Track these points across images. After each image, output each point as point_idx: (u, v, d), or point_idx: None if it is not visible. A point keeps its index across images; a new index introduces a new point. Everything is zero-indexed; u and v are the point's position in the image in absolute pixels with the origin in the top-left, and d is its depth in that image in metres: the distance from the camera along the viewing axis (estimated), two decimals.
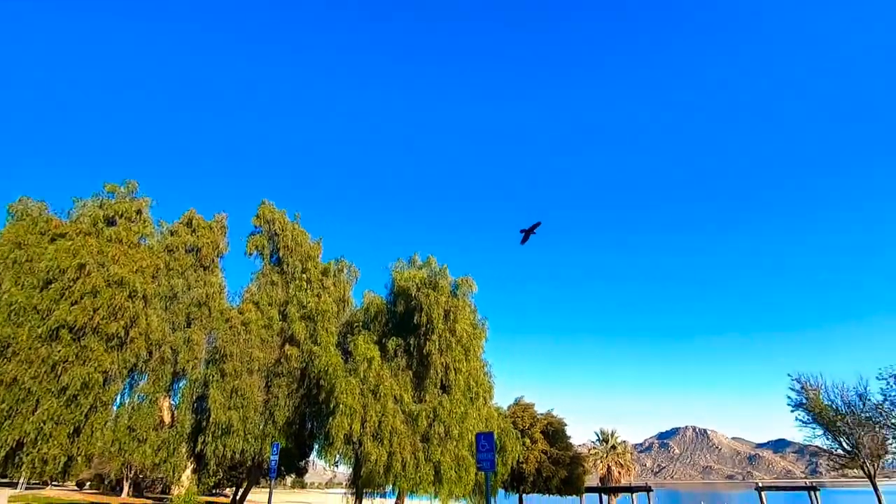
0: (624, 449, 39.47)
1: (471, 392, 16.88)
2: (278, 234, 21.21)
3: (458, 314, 16.94)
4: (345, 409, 14.29)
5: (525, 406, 26.52)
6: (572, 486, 25.17)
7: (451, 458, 15.10)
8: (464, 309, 17.38)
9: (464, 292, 17.91)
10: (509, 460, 20.17)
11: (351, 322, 19.54)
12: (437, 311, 16.61)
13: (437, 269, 18.14)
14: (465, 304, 17.67)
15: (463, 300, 17.67)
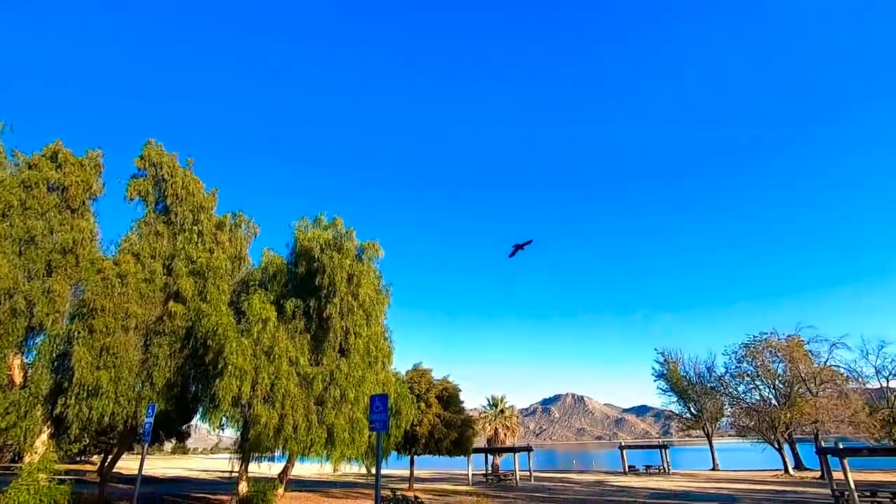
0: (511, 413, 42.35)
1: (370, 356, 16.85)
2: (166, 179, 19.09)
3: (362, 279, 16.68)
4: (234, 371, 13.54)
5: (422, 372, 27.20)
6: (461, 448, 26.55)
7: (345, 421, 15.07)
8: (368, 274, 17.15)
9: (369, 257, 17.63)
10: (403, 423, 20.64)
11: (247, 281, 18.40)
12: (341, 275, 16.20)
13: (343, 231, 17.62)
14: (369, 268, 17.43)
15: (368, 265, 17.41)
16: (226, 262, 18.27)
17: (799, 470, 38.10)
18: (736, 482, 31.09)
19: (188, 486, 30.81)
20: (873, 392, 39.36)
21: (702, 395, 45.47)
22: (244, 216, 20.65)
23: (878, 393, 38.97)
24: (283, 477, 20.37)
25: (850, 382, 36.45)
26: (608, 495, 24.77)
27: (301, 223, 18.31)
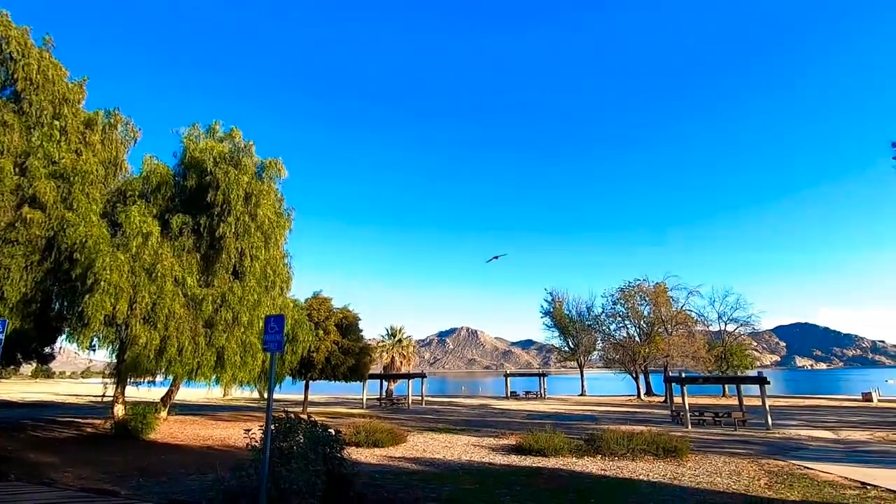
0: (408, 343, 43.96)
1: (267, 281, 16.14)
2: (16, 59, 15.70)
3: (262, 199, 15.58)
4: (107, 288, 12.20)
5: (322, 300, 26.89)
6: (358, 374, 27.23)
7: (237, 345, 14.53)
8: (269, 194, 16.04)
9: (270, 176, 16.43)
10: (300, 349, 20.46)
11: (124, 191, 16.29)
12: (237, 192, 14.95)
13: (242, 145, 16.10)
14: (270, 188, 16.29)
15: (269, 184, 16.25)
16: (97, 167, 15.90)
17: (649, 395, 44.85)
18: (598, 405, 35.84)
19: (54, 410, 28.37)
20: (713, 333, 46.84)
21: (580, 331, 50.88)
22: (121, 116, 17.87)
23: (717, 334, 46.46)
24: (166, 400, 19.49)
25: (697, 325, 42.97)
26: (490, 416, 27.26)
27: (191, 131, 16.38)
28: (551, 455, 13.32)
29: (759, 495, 9.22)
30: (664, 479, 10.56)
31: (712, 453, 14.47)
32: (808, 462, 13.13)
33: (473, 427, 21.64)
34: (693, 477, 10.93)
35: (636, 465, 12.28)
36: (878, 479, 10.79)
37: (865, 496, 9.25)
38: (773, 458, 13.67)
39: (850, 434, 19.40)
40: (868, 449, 15.80)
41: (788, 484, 10.32)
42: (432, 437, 17.92)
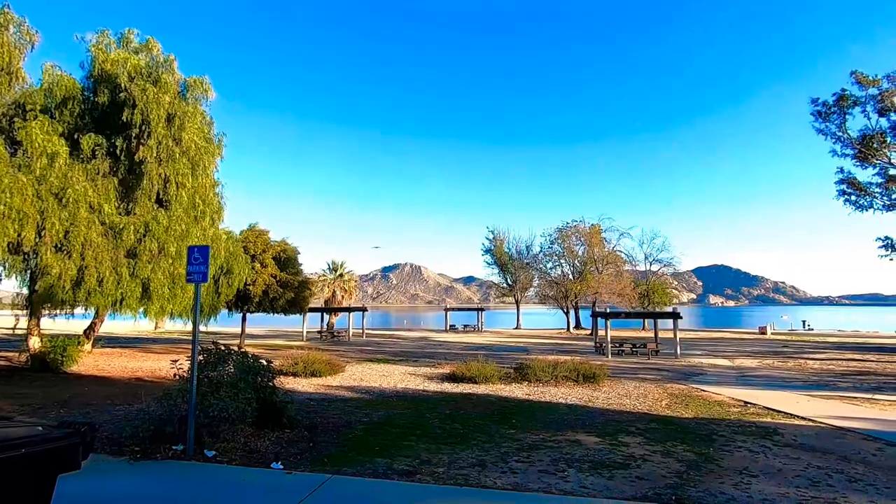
0: (350, 277, 43.92)
1: (196, 211, 15.23)
2: None
3: (187, 121, 14.32)
4: (8, 212, 11.06)
5: (259, 232, 25.98)
6: (297, 307, 27.08)
7: (164, 276, 13.88)
8: (194, 117, 14.75)
9: (196, 96, 15.04)
10: (236, 282, 19.91)
11: (22, 103, 14.38)
12: (158, 112, 13.63)
13: (161, 59, 14.47)
14: (196, 110, 14.97)
15: (194, 106, 14.90)
16: None
17: (578, 329, 48.20)
18: (531, 337, 38.16)
19: None
20: (639, 273, 50.28)
21: (518, 269, 52.95)
22: (13, 14, 15.36)
23: (643, 274, 49.92)
24: (90, 333, 18.60)
25: (626, 265, 45.89)
26: (429, 348, 28.36)
27: (100, 39, 14.44)
28: (482, 382, 14.17)
29: (658, 414, 10.40)
30: (580, 402, 11.62)
31: (626, 379, 15.95)
32: (705, 386, 14.83)
33: (412, 358, 22.47)
34: (606, 399, 12.08)
35: (558, 390, 13.35)
36: (758, 398, 12.44)
37: (745, 412, 10.68)
38: (676, 383, 15.31)
39: (744, 362, 21.98)
40: (755, 374, 18.04)
41: (685, 404, 11.68)
42: (370, 367, 18.47)
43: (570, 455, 6.84)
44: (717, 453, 7.16)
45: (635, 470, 6.19)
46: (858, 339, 36.45)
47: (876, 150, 23.77)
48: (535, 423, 9.04)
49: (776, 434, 8.57)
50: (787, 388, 14.63)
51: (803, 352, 26.36)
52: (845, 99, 24.22)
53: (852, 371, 18.97)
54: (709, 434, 8.47)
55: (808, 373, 18.53)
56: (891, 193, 24.63)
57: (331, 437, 7.62)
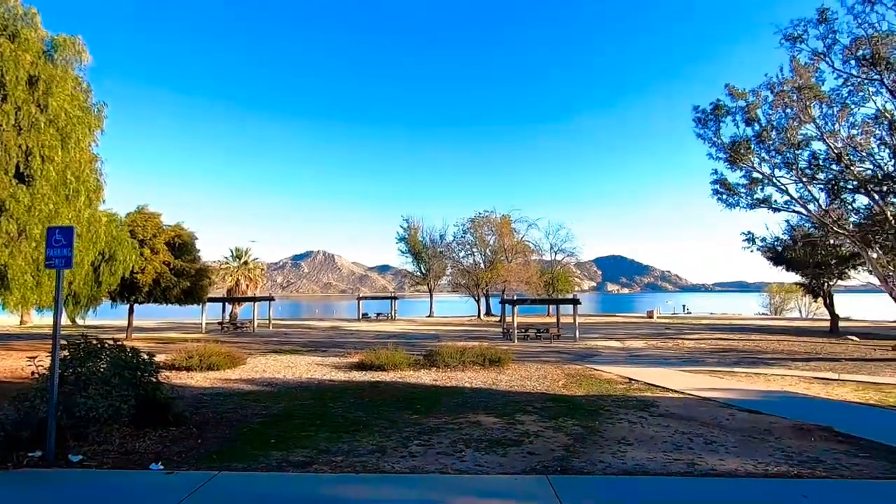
0: (255, 265, 41.65)
1: (67, 189, 13.41)
2: None
3: (55, 86, 12.51)
4: None
5: (149, 216, 23.65)
6: (194, 297, 25.14)
7: (27, 262, 12.11)
8: (65, 81, 12.91)
9: (67, 58, 13.16)
10: (120, 270, 18.01)
11: None
12: (17, 74, 11.77)
13: (21, 12, 12.44)
14: (67, 74, 13.11)
15: (65, 69, 13.04)
16: None
17: (488, 315, 49.91)
18: (443, 325, 38.85)
19: None
20: (545, 262, 53.14)
21: (431, 257, 53.54)
22: None
23: (549, 263, 52.83)
24: None
25: (533, 254, 48.27)
26: (339, 337, 27.78)
27: None
28: (391, 370, 14.17)
29: (555, 393, 11.10)
30: (484, 385, 12.05)
31: (529, 362, 16.81)
32: (598, 366, 16.08)
33: (321, 348, 21.87)
34: (509, 382, 12.65)
35: (465, 374, 13.73)
36: (641, 375, 13.74)
37: (629, 388, 11.75)
38: (574, 364, 16.43)
39: (633, 343, 24.16)
40: (642, 354, 19.91)
41: (579, 383, 12.58)
42: (275, 358, 17.69)
43: (469, 436, 7.07)
44: (601, 426, 7.80)
45: (528, 446, 6.56)
46: (725, 321, 41.64)
47: (743, 156, 26.94)
48: (440, 408, 9.22)
49: (653, 406, 9.53)
50: (666, 366, 16.32)
51: (681, 333, 29.56)
52: (720, 108, 27.18)
53: (719, 348, 21.64)
54: (596, 409, 9.20)
55: (683, 351, 20.82)
56: (753, 194, 28.10)
57: (223, 432, 7.19)
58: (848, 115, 25.09)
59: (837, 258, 29.75)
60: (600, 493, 4.80)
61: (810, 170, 26.06)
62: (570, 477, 5.23)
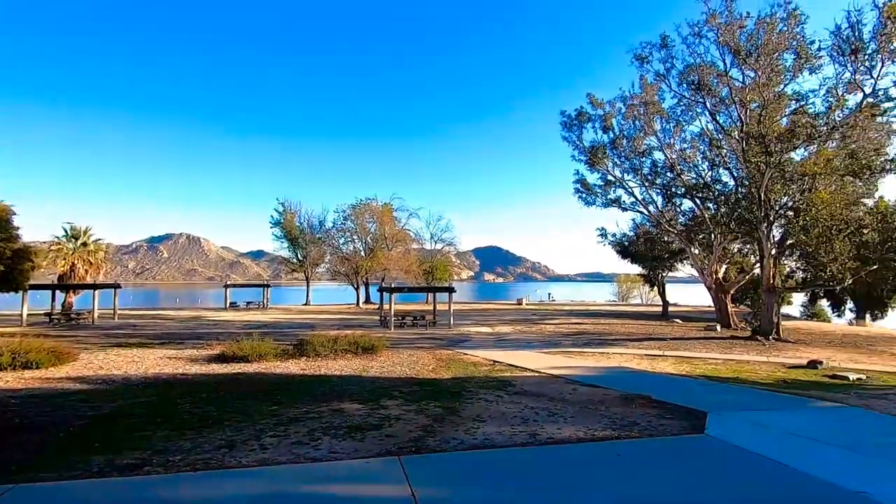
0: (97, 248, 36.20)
1: None
2: None
3: None
4: None
5: None
6: (11, 283, 20.94)
7: None
8: None
9: None
10: None
11: None
12: None
13: None
14: None
15: None
16: None
17: (367, 303, 49.49)
18: (320, 314, 37.63)
19: None
20: (426, 251, 54.22)
21: (309, 243, 51.39)
22: None
23: (429, 252, 53.98)
24: None
25: (414, 243, 48.91)
26: (201, 328, 25.42)
27: None
28: (255, 361, 13.34)
29: (424, 377, 11.40)
30: (354, 372, 11.93)
31: (404, 349, 17.03)
32: (468, 350, 16.86)
33: (176, 340, 19.79)
34: (380, 368, 12.68)
35: (336, 363, 13.45)
36: (505, 358, 14.73)
37: (493, 369, 12.53)
38: (445, 349, 17.02)
39: (502, 328, 25.78)
40: (509, 338, 21.34)
41: (448, 367, 13.07)
42: (118, 352, 15.59)
43: (328, 424, 6.94)
44: (461, 406, 8.19)
45: (387, 429, 6.64)
46: (582, 308, 46.47)
47: (600, 159, 30.12)
48: (303, 397, 8.91)
49: (510, 385, 10.27)
50: (528, 348, 17.70)
51: (545, 318, 32.31)
52: (582, 115, 30.04)
53: (574, 332, 24.05)
54: (460, 390, 9.64)
55: (545, 335, 22.77)
56: (607, 194, 31.63)
57: (31, 438, 6.13)
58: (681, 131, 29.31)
59: (669, 253, 34.79)
60: (448, 468, 5.03)
61: (651, 176, 30.03)
62: (420, 456, 5.40)
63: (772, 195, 21.79)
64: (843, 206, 20.35)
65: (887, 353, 19.53)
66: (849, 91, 21.03)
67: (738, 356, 16.95)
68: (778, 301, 23.56)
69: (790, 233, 22.92)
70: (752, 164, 21.42)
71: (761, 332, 21.76)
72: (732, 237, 27.75)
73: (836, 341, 22.62)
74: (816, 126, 20.93)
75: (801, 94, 22.70)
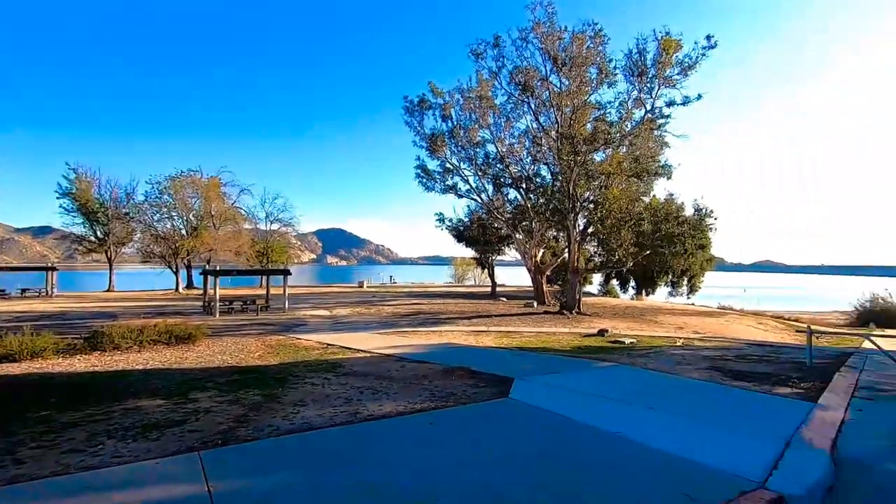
0: None
1: None
2: None
3: None
4: None
5: None
6: None
7: None
8: None
9: None
10: None
11: None
12: None
13: None
14: None
15: None
16: None
17: (189, 288, 44.15)
18: (128, 301, 32.35)
19: None
20: (261, 231, 50.41)
21: (113, 219, 43.49)
22: None
23: (264, 233, 50.30)
24: None
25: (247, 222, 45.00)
26: None
27: None
28: (26, 359, 10.90)
29: (247, 365, 10.60)
30: (163, 365, 10.54)
31: (229, 336, 15.65)
32: (302, 334, 16.21)
33: None
34: (197, 359, 11.42)
35: (141, 356, 11.72)
36: (339, 340, 14.54)
37: (325, 353, 12.26)
38: (277, 335, 16.10)
39: (340, 311, 25.39)
40: (347, 321, 21.11)
41: (277, 353, 12.38)
42: None
43: (117, 425, 5.98)
44: (284, 392, 7.82)
45: (192, 424, 5.99)
46: (422, 289, 48.33)
47: (439, 147, 31.37)
48: (88, 398, 7.55)
49: (340, 367, 10.16)
50: (365, 330, 17.76)
51: (385, 300, 32.77)
52: (424, 102, 30.84)
53: (412, 312, 24.88)
54: (286, 376, 9.20)
55: (383, 316, 23.10)
56: (445, 181, 33.15)
57: None
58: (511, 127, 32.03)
59: (498, 238, 38.11)
60: (254, 459, 4.73)
61: (484, 166, 32.33)
62: (224, 449, 4.99)
63: (578, 189, 25.29)
64: (629, 201, 24.64)
65: (653, 321, 24.43)
66: (636, 106, 25.40)
67: (548, 329, 19.47)
68: (581, 281, 27.63)
69: (591, 222, 26.97)
70: (564, 162, 24.55)
71: (567, 308, 25.30)
72: (549, 225, 31.57)
73: (621, 313, 27.49)
74: (612, 133, 24.85)
75: (601, 105, 26.67)
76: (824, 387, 8.70)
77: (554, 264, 33.21)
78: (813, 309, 47.60)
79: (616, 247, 24.51)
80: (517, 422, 6.17)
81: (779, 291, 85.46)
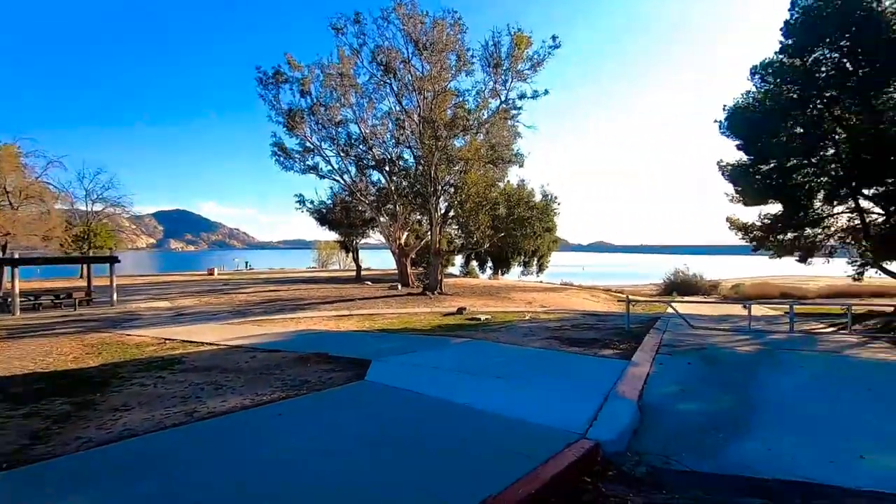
0: None
1: None
2: None
3: None
4: None
5: None
6: None
7: None
8: None
9: None
10: None
11: None
12: None
13: None
14: None
15: None
16: None
17: None
18: None
19: None
20: (81, 212, 42.62)
21: None
22: None
23: (84, 214, 42.64)
24: None
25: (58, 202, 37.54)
26: None
27: None
28: None
29: (56, 370, 8.93)
30: None
31: (35, 337, 13.09)
32: (133, 330, 14.18)
33: None
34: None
35: None
36: (180, 334, 13.00)
37: (161, 349, 10.87)
38: (101, 332, 13.86)
39: (184, 301, 22.78)
40: (191, 312, 19.01)
41: (98, 353, 10.64)
42: None
43: None
44: (103, 397, 6.74)
45: None
46: (282, 275, 45.72)
47: (298, 124, 29.58)
48: None
49: (178, 363, 9.10)
50: (213, 321, 16.18)
51: (238, 288, 30.27)
52: (280, 75, 28.71)
53: (268, 300, 23.36)
54: (107, 379, 7.95)
55: (235, 304, 21.29)
56: (305, 160, 31.51)
57: None
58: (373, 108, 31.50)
59: (363, 221, 37.55)
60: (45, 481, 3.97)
61: (346, 147, 31.43)
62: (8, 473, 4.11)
63: (439, 174, 26.01)
64: (486, 186, 26.08)
65: (507, 298, 26.45)
66: (492, 96, 26.81)
67: (411, 309, 19.85)
68: (443, 262, 28.66)
69: (451, 206, 28.01)
70: (426, 146, 24.99)
71: (430, 289, 26.08)
72: (412, 208, 32.01)
73: (479, 292, 29.24)
74: (470, 120, 25.94)
75: (460, 92, 27.63)
76: (637, 347, 10.29)
77: (418, 247, 33.88)
78: (633, 283, 56.19)
79: (474, 229, 25.86)
80: (371, 402, 6.15)
81: (610, 269, 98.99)
